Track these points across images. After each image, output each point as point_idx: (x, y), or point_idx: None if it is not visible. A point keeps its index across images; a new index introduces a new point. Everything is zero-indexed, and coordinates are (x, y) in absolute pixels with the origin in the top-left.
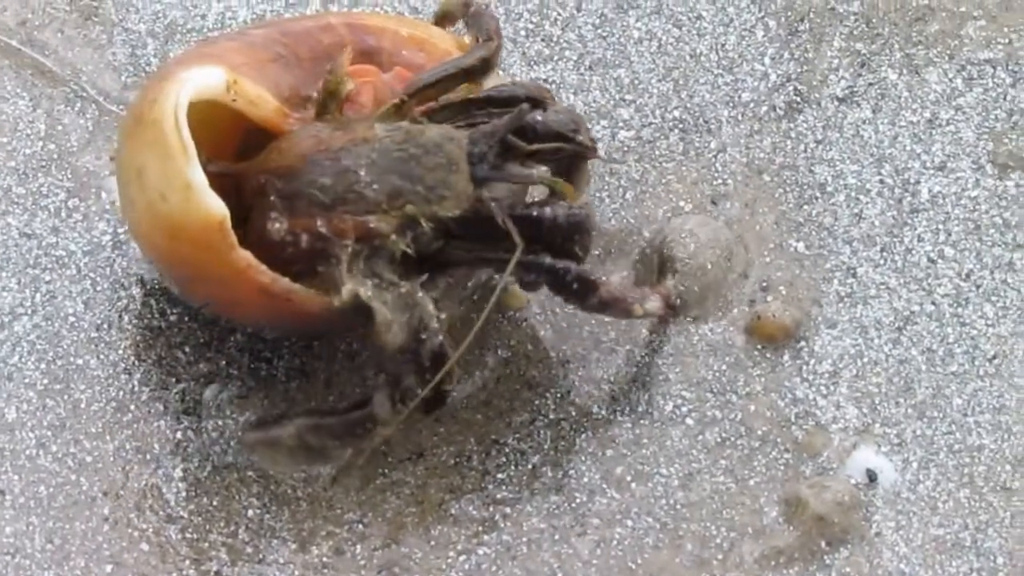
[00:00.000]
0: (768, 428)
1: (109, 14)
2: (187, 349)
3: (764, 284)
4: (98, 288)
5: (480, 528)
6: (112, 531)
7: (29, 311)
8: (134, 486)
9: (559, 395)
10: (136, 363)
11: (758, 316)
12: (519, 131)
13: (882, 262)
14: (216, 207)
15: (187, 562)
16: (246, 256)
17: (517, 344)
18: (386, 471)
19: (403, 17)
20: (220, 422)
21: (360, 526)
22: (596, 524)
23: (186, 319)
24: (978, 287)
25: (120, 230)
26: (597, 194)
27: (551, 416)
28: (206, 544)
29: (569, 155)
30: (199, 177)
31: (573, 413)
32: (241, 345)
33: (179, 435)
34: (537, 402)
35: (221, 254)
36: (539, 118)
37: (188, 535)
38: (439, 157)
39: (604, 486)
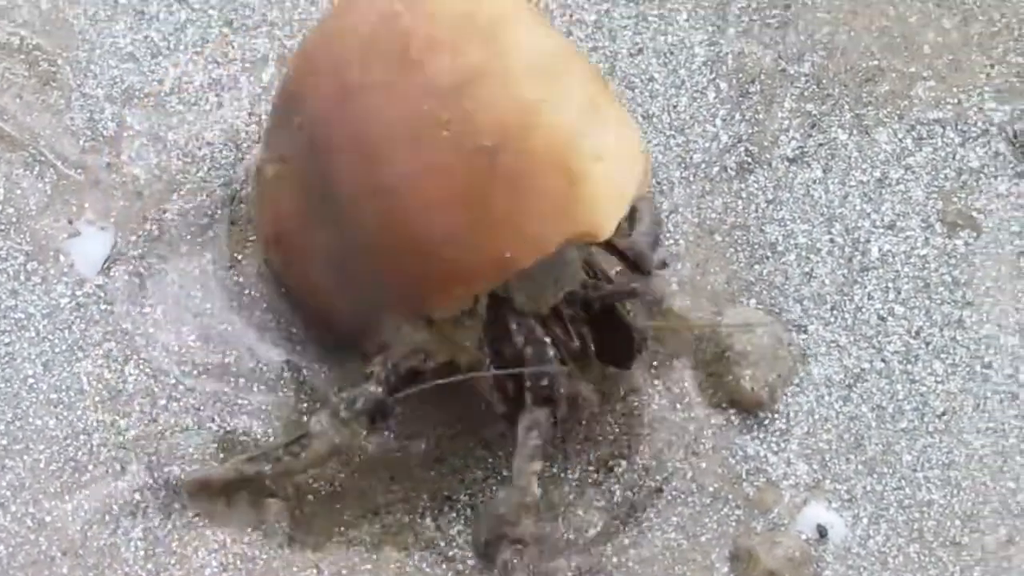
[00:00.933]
0: (719, 485)
1: (67, 79)
2: (145, 408)
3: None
4: (56, 350)
5: None
6: None
7: None
8: (93, 546)
9: (511, 453)
10: (95, 424)
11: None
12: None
13: (832, 320)
14: (609, 227)
15: None
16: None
17: (470, 401)
18: (342, 528)
19: None
20: (179, 478)
21: None
22: None
23: (143, 378)
24: (928, 344)
25: (79, 292)
26: None
27: (504, 473)
28: None
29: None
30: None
31: None
32: (200, 403)
33: (138, 496)
34: (490, 460)
35: (553, 232)
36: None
37: None
38: None
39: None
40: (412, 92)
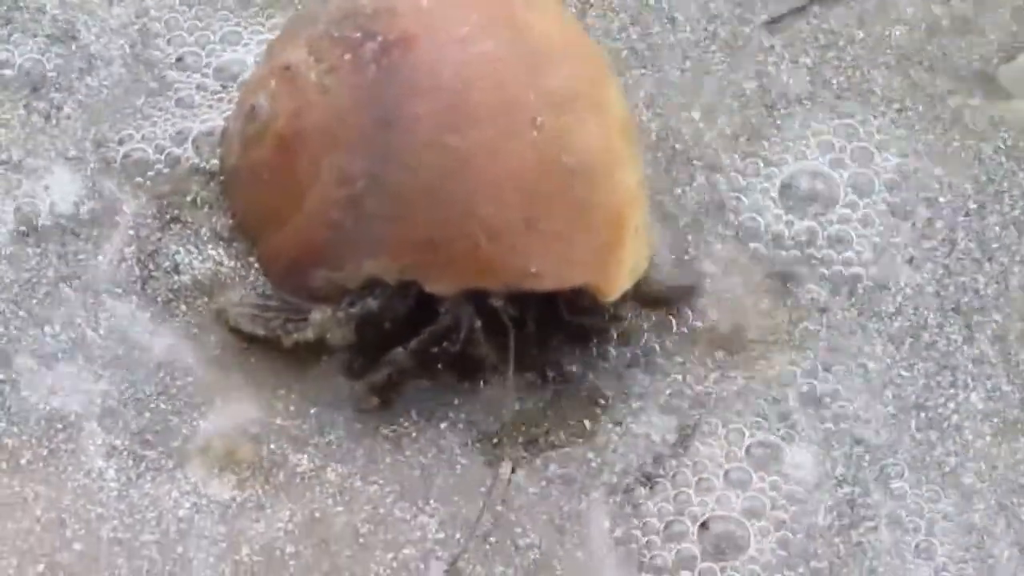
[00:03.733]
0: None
1: None
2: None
3: None
4: None
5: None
6: (44, 532)
7: None
8: (68, 486)
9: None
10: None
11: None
12: None
13: None
14: (617, 294)
15: (120, 560)
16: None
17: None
18: (314, 471)
19: None
20: (149, 425)
21: (290, 524)
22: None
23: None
24: None
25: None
26: None
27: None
28: (137, 543)
29: None
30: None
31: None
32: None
33: (112, 442)
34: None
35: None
36: None
37: (120, 535)
38: None
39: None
40: (522, 77)
